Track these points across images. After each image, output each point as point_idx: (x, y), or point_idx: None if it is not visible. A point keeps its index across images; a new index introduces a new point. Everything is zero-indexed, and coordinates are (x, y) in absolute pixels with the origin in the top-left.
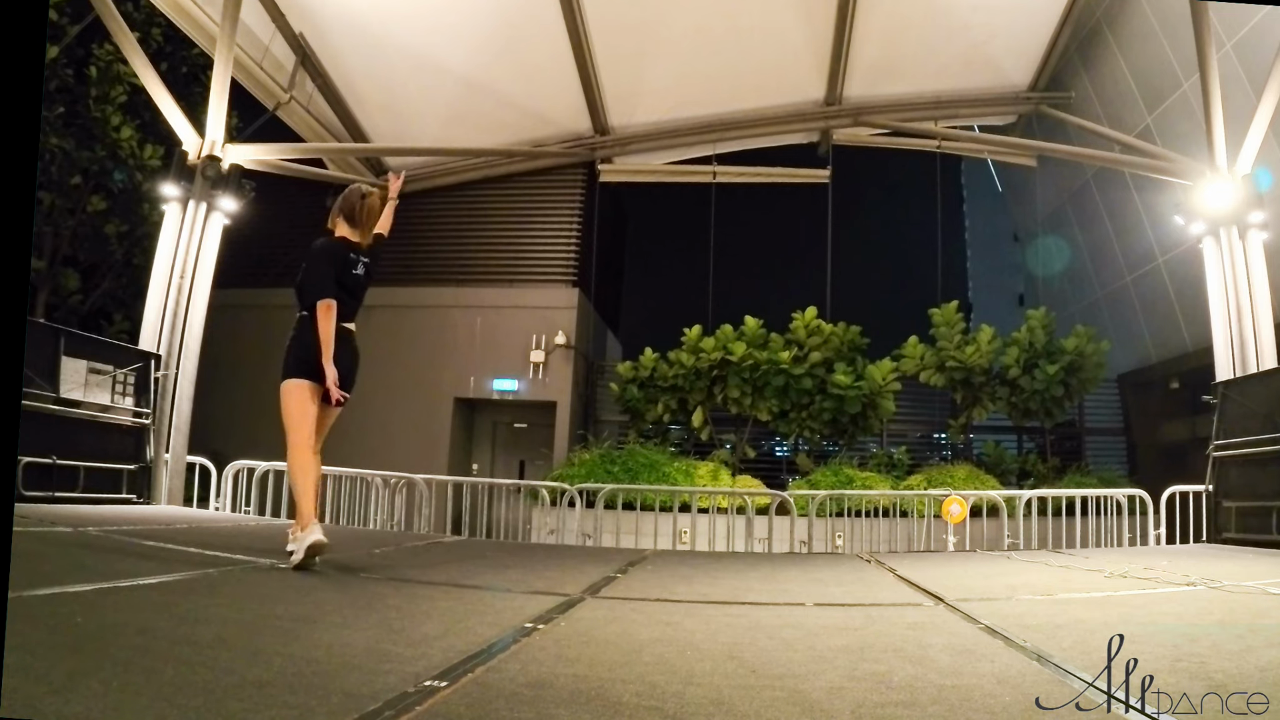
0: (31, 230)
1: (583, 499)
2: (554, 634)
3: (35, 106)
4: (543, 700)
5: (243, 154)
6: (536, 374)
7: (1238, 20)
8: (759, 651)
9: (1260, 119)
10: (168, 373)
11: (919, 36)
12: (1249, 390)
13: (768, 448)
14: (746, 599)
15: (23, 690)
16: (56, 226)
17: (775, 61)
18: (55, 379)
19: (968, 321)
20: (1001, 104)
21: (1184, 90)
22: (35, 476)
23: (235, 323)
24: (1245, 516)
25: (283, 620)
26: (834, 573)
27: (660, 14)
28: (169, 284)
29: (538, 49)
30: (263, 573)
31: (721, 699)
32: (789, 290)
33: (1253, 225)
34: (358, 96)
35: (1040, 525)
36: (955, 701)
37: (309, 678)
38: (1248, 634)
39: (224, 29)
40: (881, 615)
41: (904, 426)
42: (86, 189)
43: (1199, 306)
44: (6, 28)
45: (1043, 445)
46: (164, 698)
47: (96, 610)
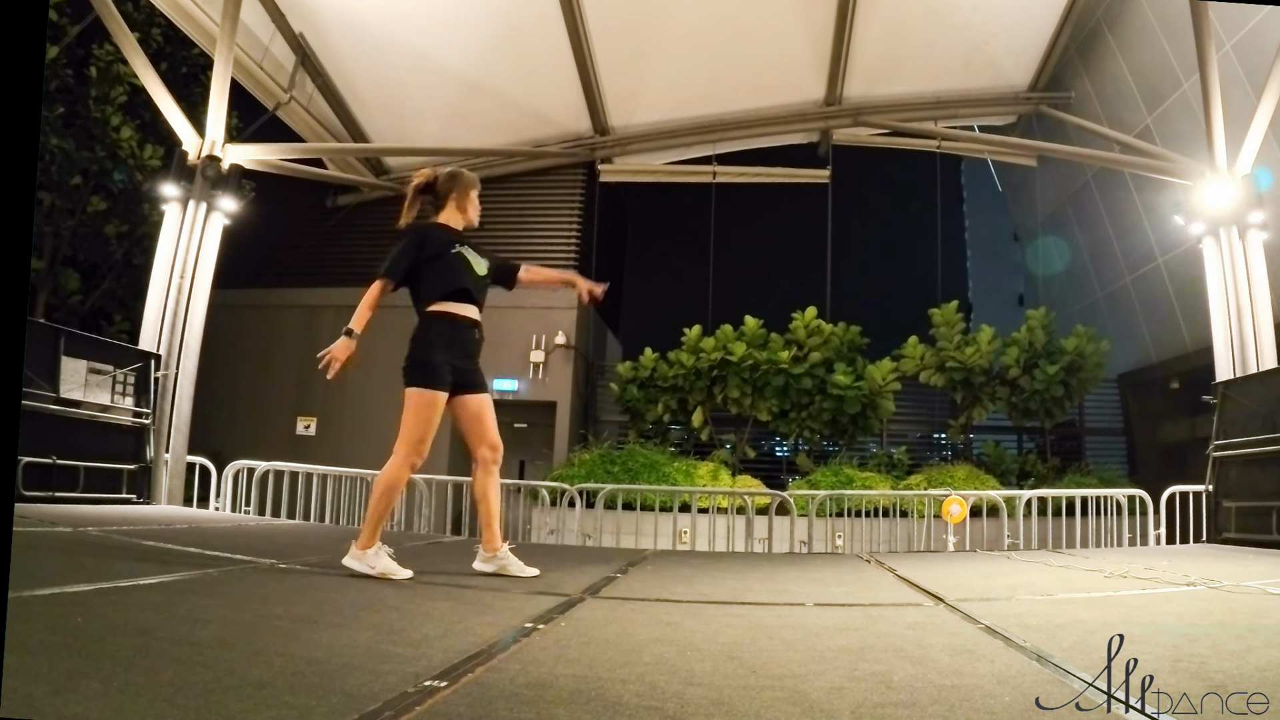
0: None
1: (583, 499)
2: (554, 634)
3: (35, 107)
4: (543, 700)
5: (243, 154)
6: (536, 374)
7: (1238, 20)
8: (759, 652)
9: (1260, 119)
10: (168, 373)
11: (919, 36)
12: (1249, 390)
13: (768, 448)
14: (746, 599)
15: (23, 690)
16: (56, 227)
17: (775, 61)
18: (55, 379)
19: (968, 322)
20: (1001, 104)
21: (1184, 90)
22: (35, 476)
23: (235, 323)
24: (1245, 516)
25: (283, 620)
26: (834, 573)
27: (660, 14)
28: (169, 284)
29: (538, 49)
30: (263, 573)
31: (722, 699)
32: (789, 290)
33: (1253, 225)
34: (358, 96)
35: (1040, 525)
36: (955, 701)
37: (309, 678)
38: (1248, 634)
39: (224, 29)
40: (882, 615)
41: (904, 427)
42: (86, 189)
43: (1199, 306)
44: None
45: (1043, 445)
46: (164, 698)
47: (96, 610)
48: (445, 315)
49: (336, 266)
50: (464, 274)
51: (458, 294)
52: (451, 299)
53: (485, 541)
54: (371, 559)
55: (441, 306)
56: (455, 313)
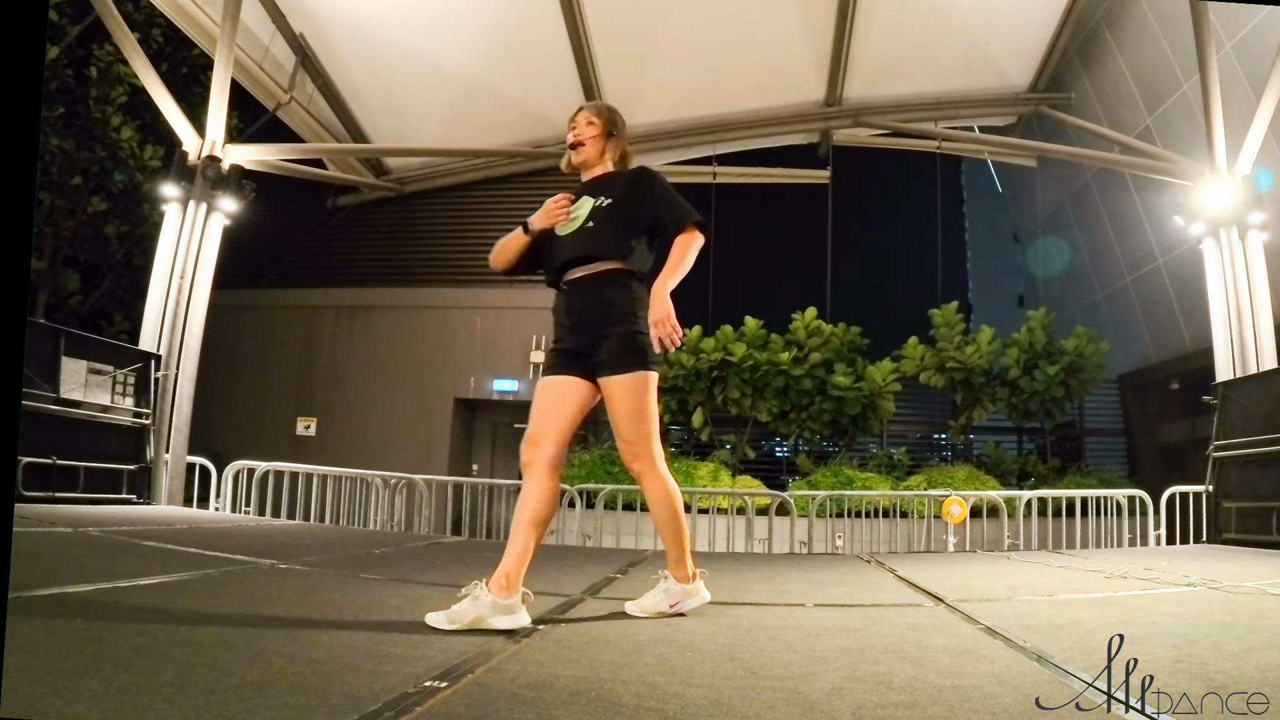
0: (31, 231)
1: (583, 500)
2: (554, 634)
3: (35, 107)
4: (543, 701)
5: (243, 154)
6: (537, 375)
7: (1238, 20)
8: (759, 652)
9: (1260, 119)
10: (168, 373)
11: (919, 37)
12: (1249, 391)
13: (768, 448)
14: (746, 600)
15: (23, 690)
16: (56, 227)
17: (775, 62)
18: (55, 379)
19: (968, 322)
20: (1001, 105)
21: (1184, 91)
22: (35, 476)
23: (235, 323)
24: (1245, 517)
25: (283, 620)
26: (834, 573)
27: (660, 14)
28: (169, 284)
29: (538, 49)
30: (263, 573)
31: (721, 700)
32: (789, 290)
33: (1253, 226)
34: (358, 97)
35: (1040, 526)
36: (955, 702)
37: (309, 678)
38: (1248, 634)
39: (224, 29)
40: (882, 616)
41: (904, 427)
42: (87, 190)
43: (1199, 307)
44: (6, 28)
45: (1043, 446)
46: (164, 698)
47: (96, 610)
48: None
49: (336, 267)
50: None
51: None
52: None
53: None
54: (698, 590)
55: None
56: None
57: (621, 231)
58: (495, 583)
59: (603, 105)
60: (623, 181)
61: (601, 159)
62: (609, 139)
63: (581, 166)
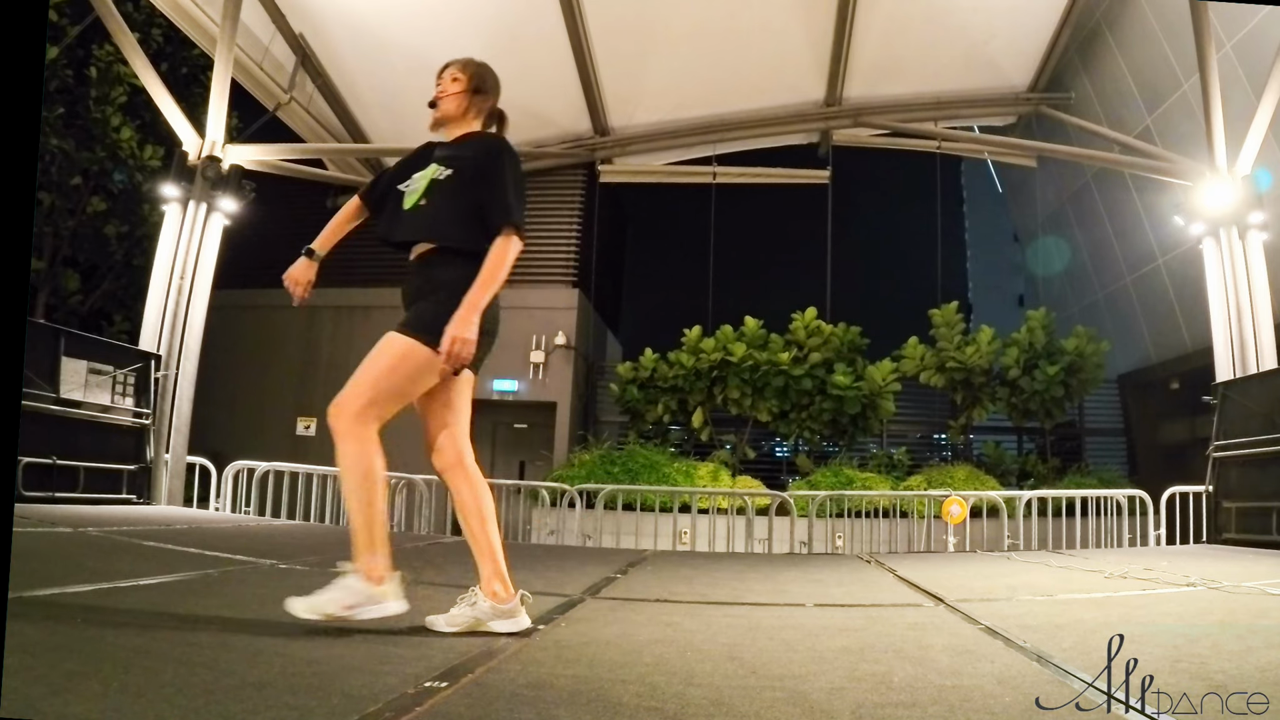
0: (31, 231)
1: (583, 500)
2: (554, 634)
3: (35, 107)
4: (543, 701)
5: (243, 154)
6: (536, 375)
7: (1238, 20)
8: (759, 652)
9: (1260, 119)
10: (168, 373)
11: (919, 37)
12: (1249, 390)
13: (768, 448)
14: (746, 600)
15: (23, 690)
16: (56, 227)
17: (775, 62)
18: (55, 379)
19: (968, 322)
20: (1001, 104)
21: (1184, 90)
22: (35, 477)
23: (235, 323)
24: (1245, 517)
25: (283, 620)
26: (834, 573)
27: (660, 14)
28: (169, 285)
29: (538, 49)
30: (263, 573)
31: (722, 700)
32: (789, 291)
33: (1253, 226)
34: (358, 96)
35: (1040, 526)
36: (955, 702)
37: (309, 678)
38: (1248, 634)
39: (224, 29)
40: (882, 616)
41: (904, 427)
42: (87, 190)
43: (1199, 307)
44: (6, 28)
45: (1043, 446)
46: (164, 698)
47: (96, 610)
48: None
49: (337, 267)
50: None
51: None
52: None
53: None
54: (385, 595)
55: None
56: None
57: (459, 209)
58: (488, 589)
59: (471, 60)
60: (472, 150)
61: (464, 117)
62: (474, 95)
63: (441, 124)
